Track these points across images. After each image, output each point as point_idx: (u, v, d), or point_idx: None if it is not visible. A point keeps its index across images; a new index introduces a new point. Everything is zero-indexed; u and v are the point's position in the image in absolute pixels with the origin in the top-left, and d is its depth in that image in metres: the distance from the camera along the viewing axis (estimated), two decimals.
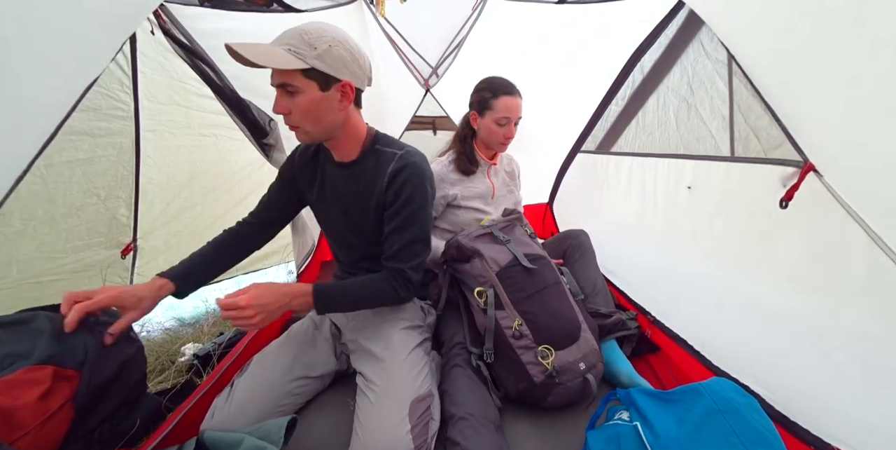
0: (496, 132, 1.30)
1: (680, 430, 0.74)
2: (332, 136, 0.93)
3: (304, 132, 0.88)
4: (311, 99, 0.83)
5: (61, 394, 0.68)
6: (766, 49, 0.97)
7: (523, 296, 1.04)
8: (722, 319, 1.14)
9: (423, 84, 2.62)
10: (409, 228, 0.94)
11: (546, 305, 1.05)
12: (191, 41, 1.36)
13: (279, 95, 0.84)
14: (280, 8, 1.74)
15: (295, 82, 0.81)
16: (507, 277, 1.06)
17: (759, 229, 1.03)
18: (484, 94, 1.30)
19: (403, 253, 0.94)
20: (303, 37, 0.79)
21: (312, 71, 0.80)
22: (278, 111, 0.86)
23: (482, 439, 0.86)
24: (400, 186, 0.92)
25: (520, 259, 1.09)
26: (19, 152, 0.89)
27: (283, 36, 0.81)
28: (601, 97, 1.73)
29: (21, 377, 0.65)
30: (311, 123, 0.87)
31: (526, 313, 1.02)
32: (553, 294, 1.08)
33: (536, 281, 1.07)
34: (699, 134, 1.28)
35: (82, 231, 1.52)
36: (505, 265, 1.08)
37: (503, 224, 1.22)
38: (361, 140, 0.97)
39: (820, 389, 0.87)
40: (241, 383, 0.93)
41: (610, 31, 1.64)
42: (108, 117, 1.45)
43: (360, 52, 0.87)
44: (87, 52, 0.96)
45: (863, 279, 0.80)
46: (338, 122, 0.90)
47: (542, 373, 0.94)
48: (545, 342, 0.98)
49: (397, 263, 0.94)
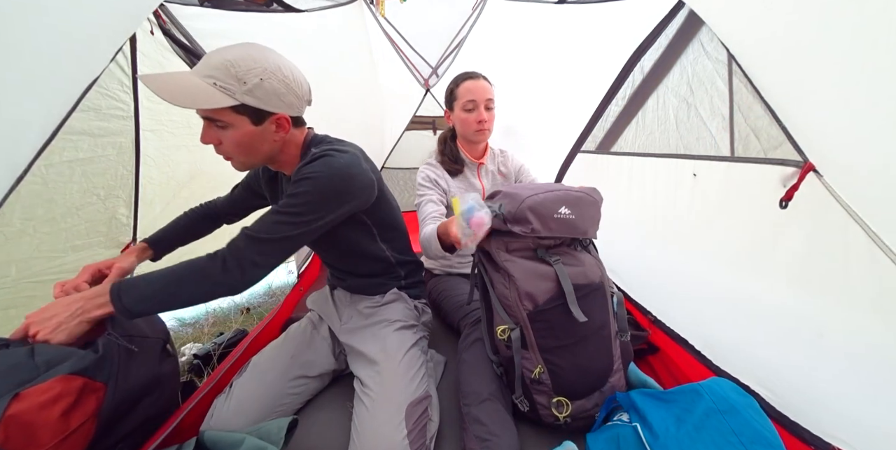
0: (467, 120, 1.26)
1: (679, 430, 0.74)
2: (271, 161, 0.88)
3: (239, 162, 0.83)
4: (243, 133, 0.77)
5: (85, 409, 0.67)
6: (766, 49, 0.97)
7: (554, 345, 0.86)
8: (722, 319, 1.14)
9: (423, 84, 2.62)
10: (284, 207, 0.80)
11: (578, 357, 0.87)
12: (191, 41, 1.36)
13: (207, 126, 0.76)
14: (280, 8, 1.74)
15: (223, 118, 0.74)
16: (542, 321, 0.85)
17: (759, 229, 1.03)
18: (449, 87, 1.30)
19: (260, 223, 0.80)
20: (229, 70, 0.70)
21: (243, 106, 0.73)
22: (206, 141, 0.77)
23: (504, 425, 0.86)
24: (297, 173, 0.82)
25: (568, 299, 0.82)
26: (20, 152, 0.89)
27: (208, 64, 0.72)
28: (601, 97, 1.73)
29: (51, 387, 0.63)
30: (244, 155, 0.81)
31: (550, 364, 0.86)
32: (592, 345, 0.88)
33: (577, 330, 0.85)
34: (699, 134, 1.28)
35: (82, 231, 1.52)
36: (542, 304, 0.84)
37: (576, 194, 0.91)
38: (296, 156, 0.90)
39: (820, 388, 0.87)
40: (239, 383, 0.93)
41: (610, 31, 1.63)
42: (108, 117, 1.45)
43: (294, 79, 0.79)
44: (87, 52, 0.96)
45: (862, 279, 0.80)
46: (274, 150, 0.85)
47: (553, 419, 0.88)
48: (564, 395, 0.87)
49: (247, 230, 0.79)
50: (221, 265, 0.75)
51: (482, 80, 1.26)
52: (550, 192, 0.88)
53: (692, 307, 1.25)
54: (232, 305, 2.20)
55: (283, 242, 0.80)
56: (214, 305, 2.19)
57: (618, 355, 0.94)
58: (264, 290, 2.40)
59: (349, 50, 2.28)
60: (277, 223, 0.79)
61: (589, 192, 0.96)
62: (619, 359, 0.95)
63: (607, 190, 1.81)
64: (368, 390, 0.90)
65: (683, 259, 1.33)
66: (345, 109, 2.25)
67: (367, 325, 1.05)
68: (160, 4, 1.20)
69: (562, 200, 0.87)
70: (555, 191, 0.90)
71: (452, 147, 1.36)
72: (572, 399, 0.87)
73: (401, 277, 1.15)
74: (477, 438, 0.84)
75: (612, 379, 0.92)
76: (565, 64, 1.89)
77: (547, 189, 0.89)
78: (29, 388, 0.62)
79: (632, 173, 1.60)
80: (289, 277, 2.50)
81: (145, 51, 1.45)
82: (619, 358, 0.95)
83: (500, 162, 1.45)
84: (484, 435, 0.83)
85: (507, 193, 0.90)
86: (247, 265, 0.76)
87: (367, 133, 2.62)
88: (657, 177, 1.45)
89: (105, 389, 0.70)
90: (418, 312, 1.15)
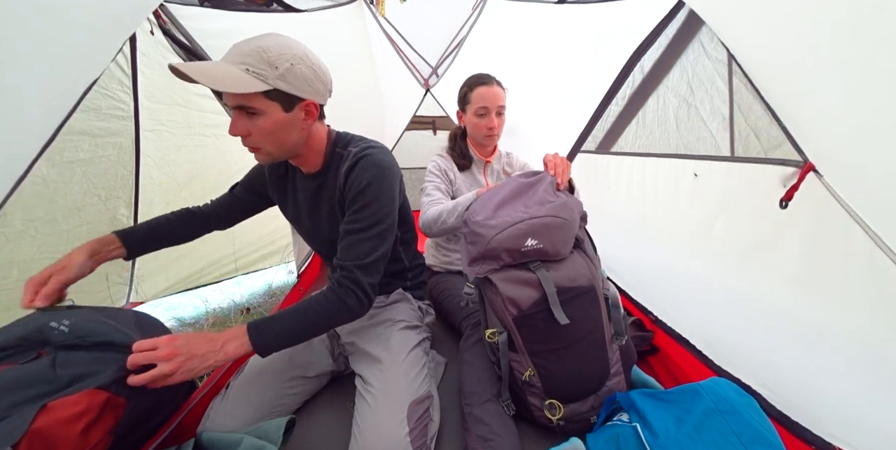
0: (478, 125, 1.30)
1: (679, 430, 0.74)
2: (295, 154, 0.89)
3: (266, 153, 0.83)
4: (274, 121, 0.78)
5: (104, 425, 0.67)
6: (766, 49, 0.97)
7: (543, 349, 0.86)
8: (722, 319, 1.14)
9: (423, 84, 2.62)
10: (363, 222, 0.85)
11: (567, 362, 0.86)
12: (190, 41, 1.36)
13: (237, 117, 0.78)
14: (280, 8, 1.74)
15: (256, 104, 0.75)
16: (528, 325, 0.85)
17: (760, 229, 1.03)
18: (462, 89, 1.33)
19: (353, 250, 0.84)
20: (262, 55, 0.72)
21: (274, 92, 0.75)
22: (235, 133, 0.79)
23: (506, 425, 0.87)
24: (353, 180, 0.86)
25: (551, 302, 0.82)
26: (20, 153, 0.89)
27: (239, 52, 0.74)
28: (601, 97, 1.73)
29: (79, 400, 0.63)
30: (274, 144, 0.82)
31: (540, 367, 0.86)
32: (582, 349, 0.87)
33: (565, 334, 0.84)
34: (699, 134, 1.28)
35: (83, 231, 1.52)
36: (527, 310, 0.84)
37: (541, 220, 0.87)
38: (323, 150, 0.92)
39: (821, 388, 0.87)
40: (236, 384, 0.93)
41: (610, 31, 1.63)
42: (108, 117, 1.46)
43: (321, 67, 0.82)
44: (88, 52, 0.96)
45: (862, 279, 0.80)
46: (301, 140, 0.86)
47: (546, 420, 0.89)
48: (556, 398, 0.87)
49: (346, 261, 0.83)
50: (344, 301, 0.82)
51: (495, 87, 1.29)
52: (514, 225, 0.85)
53: (693, 307, 1.25)
54: (232, 305, 2.20)
55: (383, 254, 0.87)
56: (214, 305, 2.19)
57: (615, 359, 0.92)
58: (264, 290, 2.40)
59: (349, 50, 2.29)
60: (369, 239, 0.84)
61: (557, 211, 0.88)
62: (618, 363, 0.93)
63: (607, 190, 1.81)
64: (371, 388, 0.90)
65: (684, 259, 1.33)
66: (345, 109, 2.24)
67: (372, 324, 1.05)
68: (160, 4, 1.20)
69: (526, 234, 0.85)
70: (518, 223, 0.85)
71: (462, 145, 1.41)
72: (565, 403, 0.87)
73: (407, 278, 1.16)
74: (480, 438, 0.84)
75: (610, 383, 0.91)
76: (565, 64, 1.89)
77: (511, 222, 0.85)
78: (57, 399, 0.61)
79: (632, 173, 1.60)
80: (289, 277, 2.50)
81: (145, 51, 1.45)
82: (618, 362, 0.93)
83: (506, 162, 1.52)
84: (487, 435, 0.84)
85: (473, 232, 0.88)
86: (368, 290, 0.84)
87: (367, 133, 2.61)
88: (657, 177, 1.45)
89: (126, 405, 0.70)
90: (422, 313, 1.15)
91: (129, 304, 1.87)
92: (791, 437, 0.83)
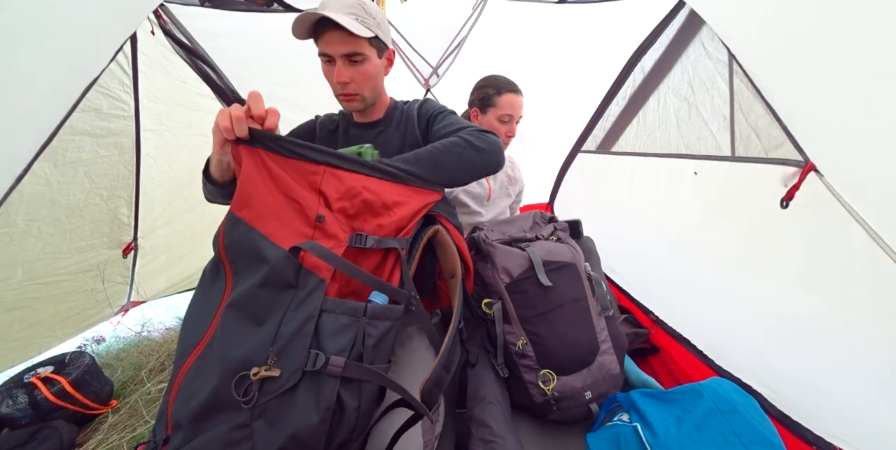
0: (498, 130, 1.29)
1: (679, 430, 0.74)
2: (376, 100, 0.97)
3: (362, 99, 0.91)
4: (374, 65, 0.87)
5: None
6: (767, 49, 0.97)
7: (532, 314, 0.95)
8: (723, 319, 1.14)
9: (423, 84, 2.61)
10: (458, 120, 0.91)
11: (556, 327, 0.95)
12: (191, 41, 1.36)
13: (342, 65, 0.84)
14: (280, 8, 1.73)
15: (364, 50, 0.83)
16: (518, 291, 0.97)
17: (760, 229, 1.03)
18: (487, 90, 1.30)
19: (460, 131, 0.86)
20: (363, 6, 0.82)
21: (375, 39, 0.84)
22: (343, 80, 0.86)
23: (507, 427, 0.87)
24: (429, 109, 0.97)
25: (537, 269, 0.97)
26: (20, 152, 0.89)
27: (343, 5, 0.81)
28: (601, 97, 1.73)
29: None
30: (370, 89, 0.90)
31: (531, 334, 0.95)
32: (568, 314, 0.97)
33: (551, 298, 0.96)
34: (700, 134, 1.28)
35: (86, 231, 1.52)
36: (517, 277, 0.97)
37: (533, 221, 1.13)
38: (387, 102, 1.02)
39: (822, 388, 0.87)
40: None
41: (610, 31, 1.63)
42: (109, 117, 1.45)
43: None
44: (88, 51, 0.97)
45: (863, 278, 0.80)
46: (383, 87, 0.96)
47: (542, 396, 0.92)
48: (548, 367, 0.92)
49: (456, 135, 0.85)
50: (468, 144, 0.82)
51: (521, 97, 1.30)
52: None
53: (693, 306, 1.25)
54: None
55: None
56: None
57: (604, 334, 1.00)
58: None
59: None
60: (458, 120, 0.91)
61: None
62: (608, 339, 0.99)
63: (608, 190, 1.81)
64: None
65: (684, 259, 1.33)
66: None
67: None
68: (160, 4, 1.20)
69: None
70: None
71: None
72: (559, 373, 0.92)
73: None
74: (482, 440, 0.84)
75: (602, 359, 0.96)
76: (566, 64, 1.89)
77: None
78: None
79: (633, 173, 1.60)
80: None
81: (146, 51, 1.45)
82: (608, 339, 1.00)
83: (509, 166, 1.52)
84: (489, 437, 0.84)
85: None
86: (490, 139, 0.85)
87: None
88: (658, 176, 1.45)
89: None
90: (429, 314, 1.15)
91: (130, 304, 1.88)
92: (792, 437, 0.83)
